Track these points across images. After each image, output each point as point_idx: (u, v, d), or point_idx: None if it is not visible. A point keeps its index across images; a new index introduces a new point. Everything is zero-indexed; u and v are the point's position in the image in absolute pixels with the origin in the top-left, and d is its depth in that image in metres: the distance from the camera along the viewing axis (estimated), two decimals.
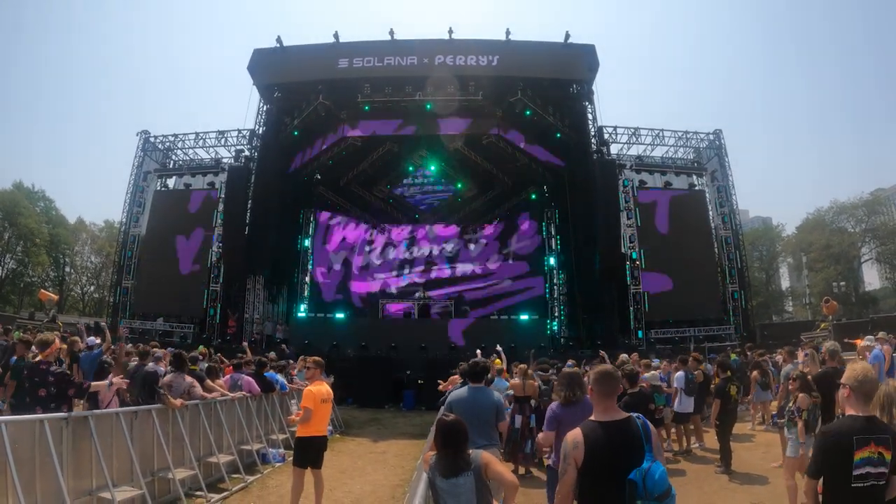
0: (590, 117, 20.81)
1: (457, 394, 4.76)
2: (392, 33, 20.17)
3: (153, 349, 7.94)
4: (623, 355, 10.95)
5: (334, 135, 21.21)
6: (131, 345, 11.12)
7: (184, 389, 6.69)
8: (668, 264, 20.27)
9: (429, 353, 17.38)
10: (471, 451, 2.88)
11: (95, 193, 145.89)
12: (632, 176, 21.77)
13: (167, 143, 24.18)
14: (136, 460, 5.40)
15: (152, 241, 22.22)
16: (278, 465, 7.96)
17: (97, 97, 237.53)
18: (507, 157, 22.21)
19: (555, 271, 25.38)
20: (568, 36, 19.84)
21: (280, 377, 9.51)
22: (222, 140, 23.50)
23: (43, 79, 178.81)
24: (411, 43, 20.33)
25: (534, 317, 22.59)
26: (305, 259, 25.89)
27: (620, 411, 2.58)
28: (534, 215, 25.87)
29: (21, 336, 8.39)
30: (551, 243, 25.69)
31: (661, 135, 23.14)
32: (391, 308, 24.44)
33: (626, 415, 2.56)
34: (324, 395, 5.63)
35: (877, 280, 48.18)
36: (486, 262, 25.41)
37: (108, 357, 6.98)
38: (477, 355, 7.74)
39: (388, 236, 26.31)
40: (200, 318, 20.97)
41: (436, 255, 25.82)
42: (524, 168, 22.95)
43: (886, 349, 7.86)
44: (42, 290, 29.52)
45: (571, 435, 2.50)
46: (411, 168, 25.12)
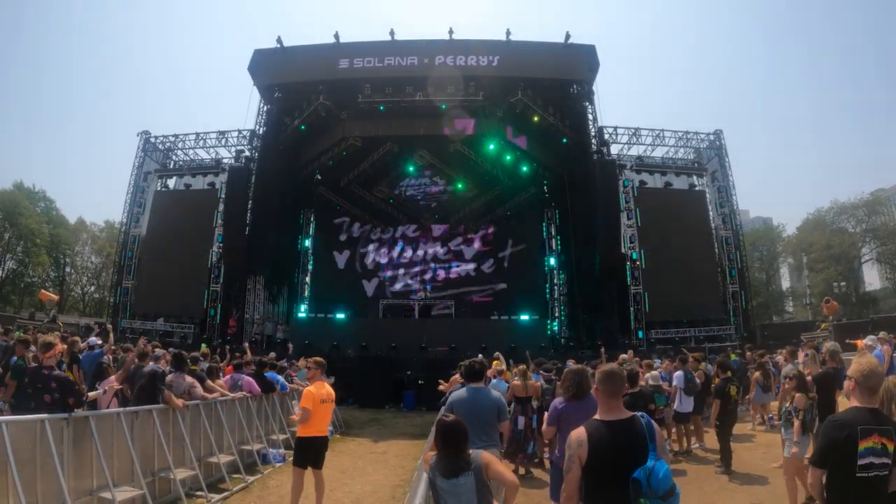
0: (590, 117, 20.85)
1: (457, 394, 4.77)
2: (392, 34, 20.24)
3: (153, 349, 7.94)
4: (623, 355, 10.97)
5: (335, 135, 21.25)
6: (141, 343, 10.94)
7: (184, 389, 6.69)
8: (668, 265, 20.27)
9: (429, 354, 17.41)
10: (471, 452, 2.88)
11: (96, 194, 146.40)
12: (632, 176, 21.81)
13: (168, 144, 24.21)
14: (136, 460, 5.40)
15: (153, 241, 22.24)
16: (279, 465, 7.96)
17: (97, 97, 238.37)
18: (507, 157, 22.23)
19: (555, 271, 25.40)
20: (568, 36, 19.95)
21: (280, 377, 9.52)
22: (223, 140, 23.57)
23: (43, 79, 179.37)
24: (412, 43, 20.38)
25: (534, 317, 22.53)
26: (306, 259, 25.92)
27: (625, 410, 2.59)
28: (534, 215, 25.88)
29: (20, 336, 8.38)
30: (551, 243, 25.72)
31: (661, 135, 23.17)
32: (391, 308, 24.46)
33: (630, 414, 2.56)
34: (324, 396, 5.60)
35: (877, 280, 48.16)
36: (486, 263, 25.40)
37: (107, 357, 6.98)
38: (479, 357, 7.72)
39: (388, 236, 26.30)
40: (201, 318, 21.00)
41: (436, 255, 25.80)
42: (524, 168, 22.98)
43: (886, 349, 7.88)
44: (42, 291, 29.56)
45: (575, 433, 2.50)
46: (411, 168, 25.12)
